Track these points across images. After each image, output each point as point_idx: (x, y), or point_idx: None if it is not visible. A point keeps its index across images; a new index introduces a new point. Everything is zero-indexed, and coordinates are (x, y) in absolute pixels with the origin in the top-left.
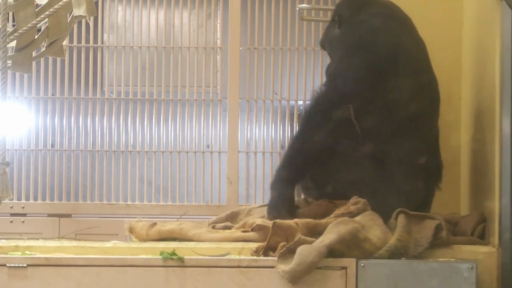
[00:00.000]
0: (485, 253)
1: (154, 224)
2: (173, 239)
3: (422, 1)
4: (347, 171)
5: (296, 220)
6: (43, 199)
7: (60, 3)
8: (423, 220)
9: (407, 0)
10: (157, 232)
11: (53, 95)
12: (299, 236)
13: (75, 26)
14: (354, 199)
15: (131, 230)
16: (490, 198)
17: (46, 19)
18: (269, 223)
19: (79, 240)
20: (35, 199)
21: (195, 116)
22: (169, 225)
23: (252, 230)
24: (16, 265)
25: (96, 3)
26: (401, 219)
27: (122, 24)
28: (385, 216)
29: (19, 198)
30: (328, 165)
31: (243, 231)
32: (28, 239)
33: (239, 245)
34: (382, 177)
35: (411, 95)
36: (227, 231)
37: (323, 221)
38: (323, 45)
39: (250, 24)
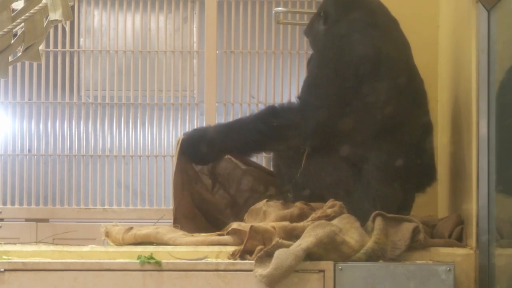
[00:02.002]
0: (463, 255)
1: (131, 228)
2: (149, 243)
3: (398, 2)
4: (324, 174)
5: (273, 223)
6: (20, 204)
7: (36, 8)
8: (400, 223)
9: (384, 1)
10: (133, 236)
11: (29, 99)
12: (276, 239)
13: (51, 31)
14: (330, 201)
15: (107, 234)
16: (468, 200)
17: (22, 24)
18: (245, 226)
19: (57, 244)
20: (12, 204)
21: (172, 120)
22: (145, 229)
23: (228, 233)
24: None
25: (72, 7)
26: (379, 221)
27: (98, 28)
28: (362, 219)
29: None
30: (305, 168)
31: (218, 235)
32: (5, 244)
33: (217, 248)
34: (359, 180)
35: (388, 98)
36: (202, 234)
37: (300, 224)
38: (307, 35)
39: (226, 28)
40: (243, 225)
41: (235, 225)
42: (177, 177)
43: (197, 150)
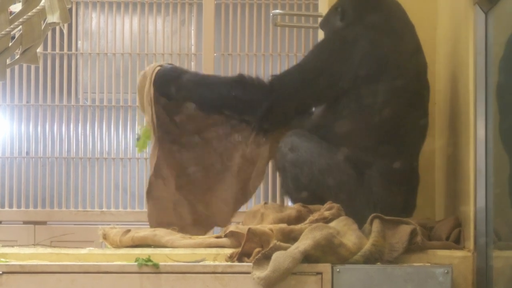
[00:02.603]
0: (460, 258)
1: (128, 231)
2: (147, 245)
3: None
4: (323, 176)
5: (270, 226)
6: (18, 206)
7: (33, 10)
8: (398, 225)
9: None
10: (130, 239)
11: (27, 102)
12: (274, 242)
13: (49, 33)
14: (328, 204)
15: (105, 237)
16: (465, 203)
17: (20, 27)
18: (242, 229)
19: (54, 247)
20: (10, 206)
21: None
22: (143, 232)
23: (225, 236)
24: None
25: (70, 10)
26: (376, 224)
27: (96, 31)
28: (361, 222)
29: None
30: (306, 168)
31: (216, 237)
32: (3, 246)
33: (214, 251)
34: (360, 184)
35: (386, 100)
36: (200, 237)
37: (298, 227)
38: (322, 27)
39: (224, 30)
40: (240, 227)
41: (232, 227)
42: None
43: (167, 88)
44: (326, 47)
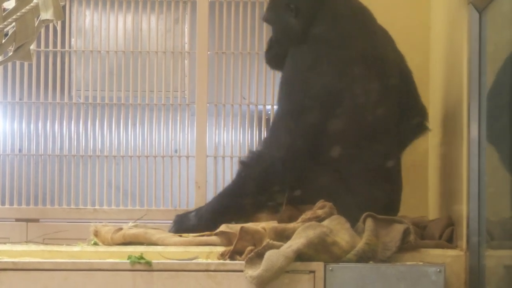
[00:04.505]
0: (453, 257)
1: (120, 229)
2: (138, 243)
3: (389, 4)
4: (313, 176)
5: (263, 225)
6: (11, 203)
7: (27, 7)
8: (391, 224)
9: (374, 4)
10: (121, 236)
11: (20, 99)
12: (267, 240)
13: (43, 31)
14: (320, 202)
15: (96, 234)
16: (458, 202)
17: (13, 23)
18: (232, 227)
19: (47, 244)
20: (3, 203)
21: (163, 121)
22: (134, 229)
23: (215, 234)
24: None
25: (64, 7)
26: (369, 222)
27: (89, 28)
28: (351, 220)
29: None
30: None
31: (206, 235)
32: None
33: (207, 249)
34: (348, 181)
35: (378, 100)
36: (190, 235)
37: (291, 225)
38: (269, 22)
39: (218, 29)
40: (230, 227)
41: (223, 227)
42: None
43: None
44: (292, 81)
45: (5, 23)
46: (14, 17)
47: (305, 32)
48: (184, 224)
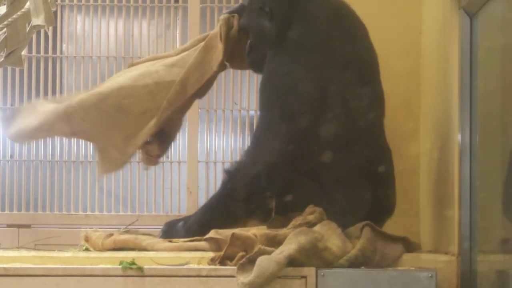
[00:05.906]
0: (445, 262)
1: (111, 234)
2: (129, 248)
3: (380, 9)
4: (302, 182)
5: (254, 231)
6: (2, 209)
7: (18, 13)
8: (390, 239)
9: (365, 8)
10: (112, 242)
11: (11, 105)
12: (258, 246)
13: (34, 36)
14: (310, 208)
15: (87, 239)
16: (450, 207)
17: (5, 29)
18: (222, 233)
19: (38, 250)
20: None
21: None
22: (124, 235)
23: (205, 240)
24: None
25: (55, 12)
26: (367, 231)
27: (81, 34)
28: (341, 225)
29: None
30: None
31: (196, 240)
32: None
33: (199, 254)
34: (337, 186)
35: (370, 104)
36: (180, 240)
37: (282, 231)
38: (245, 26)
39: None
40: (220, 232)
41: (212, 233)
42: None
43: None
44: (271, 87)
45: None
46: (5, 22)
47: (282, 36)
48: (172, 236)
